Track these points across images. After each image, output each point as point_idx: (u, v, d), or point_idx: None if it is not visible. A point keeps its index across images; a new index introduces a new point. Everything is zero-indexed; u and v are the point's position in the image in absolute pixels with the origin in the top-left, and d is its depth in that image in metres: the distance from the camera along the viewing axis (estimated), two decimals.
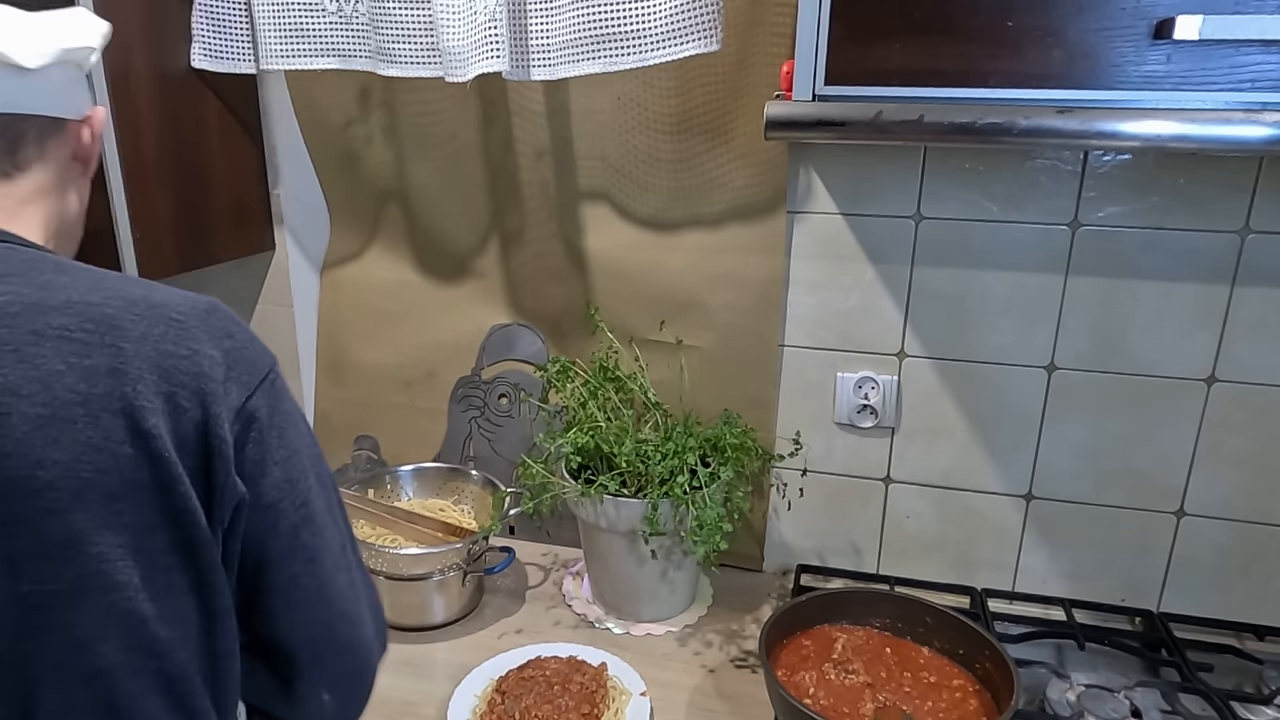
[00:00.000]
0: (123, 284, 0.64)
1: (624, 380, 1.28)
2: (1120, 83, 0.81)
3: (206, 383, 0.61)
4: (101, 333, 0.59)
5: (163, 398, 0.59)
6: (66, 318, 0.59)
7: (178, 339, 0.61)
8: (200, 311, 0.64)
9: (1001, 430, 1.24)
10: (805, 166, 1.21)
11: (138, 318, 0.61)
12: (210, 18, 1.26)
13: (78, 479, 0.57)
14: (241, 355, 0.64)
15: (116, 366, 0.58)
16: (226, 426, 0.61)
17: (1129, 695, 1.03)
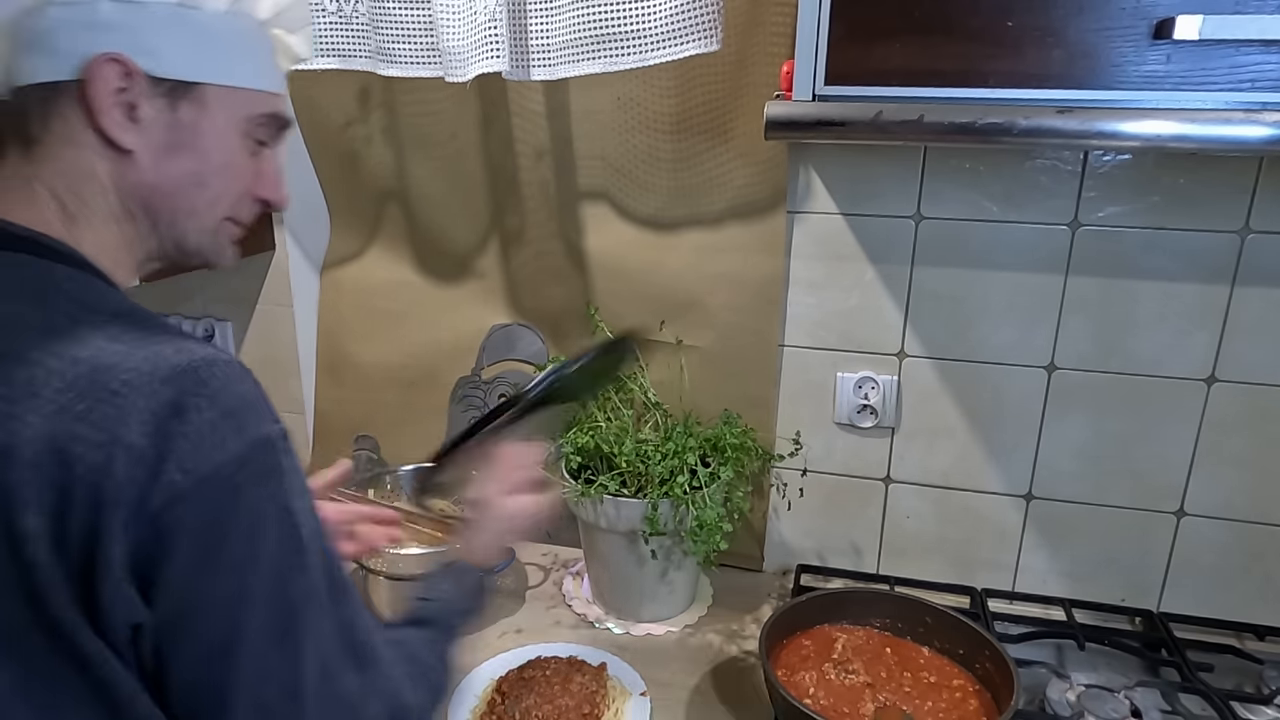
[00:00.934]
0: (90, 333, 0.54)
1: (624, 380, 1.28)
2: (1120, 83, 0.81)
3: (110, 479, 0.49)
4: (13, 400, 0.50)
5: (54, 490, 0.49)
6: None
7: (99, 419, 0.50)
8: (158, 380, 0.51)
9: (1001, 430, 1.24)
10: (805, 166, 1.21)
11: (64, 386, 0.51)
12: None
13: None
14: (189, 443, 0.51)
15: (9, 447, 0.49)
16: (121, 534, 0.50)
17: (1129, 695, 1.03)
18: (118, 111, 0.60)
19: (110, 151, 0.61)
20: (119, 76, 0.59)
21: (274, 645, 0.55)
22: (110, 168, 0.61)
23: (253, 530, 0.54)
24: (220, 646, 0.53)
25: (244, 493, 0.53)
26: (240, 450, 0.53)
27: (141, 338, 0.54)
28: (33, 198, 0.60)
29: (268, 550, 0.54)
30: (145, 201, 0.63)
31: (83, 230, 0.61)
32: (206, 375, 0.53)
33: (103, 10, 0.59)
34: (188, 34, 0.62)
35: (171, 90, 0.62)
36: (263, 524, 0.54)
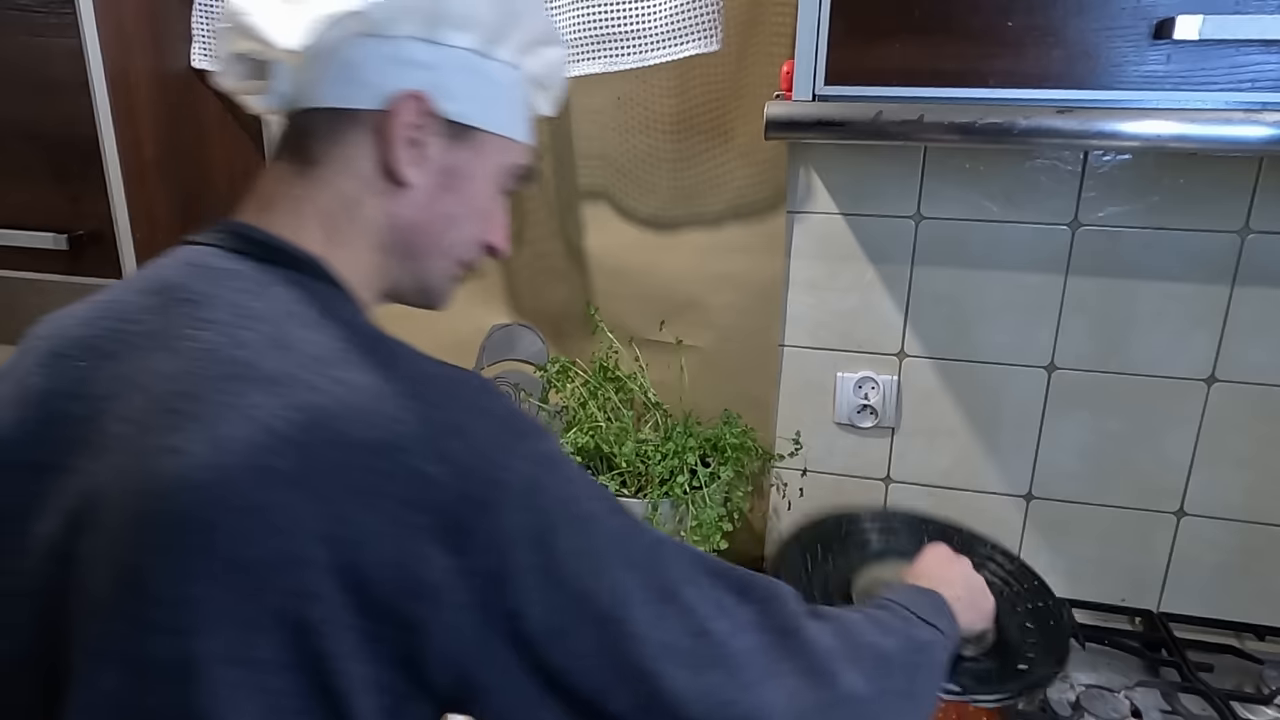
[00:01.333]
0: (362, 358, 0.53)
1: (624, 380, 1.28)
2: (1120, 83, 0.81)
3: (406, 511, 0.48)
4: (305, 428, 0.49)
5: (346, 524, 0.48)
6: (278, 398, 0.49)
7: (390, 452, 0.49)
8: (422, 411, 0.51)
9: (1001, 430, 1.24)
10: (805, 166, 1.21)
11: (352, 415, 0.49)
12: (210, 18, 1.26)
13: (219, 600, 0.47)
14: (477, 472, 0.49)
15: (300, 478, 0.48)
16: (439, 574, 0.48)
17: (1129, 695, 1.03)
18: (408, 147, 0.61)
19: (387, 184, 0.62)
20: (417, 113, 0.61)
21: (659, 602, 0.54)
22: (382, 200, 0.62)
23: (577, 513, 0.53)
24: (614, 632, 0.52)
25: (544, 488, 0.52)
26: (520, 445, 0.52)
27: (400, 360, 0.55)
28: (300, 218, 0.61)
29: (600, 526, 0.53)
30: (406, 236, 0.64)
31: (339, 255, 0.62)
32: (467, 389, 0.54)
33: (411, 48, 0.61)
34: (478, 80, 0.64)
35: (455, 133, 0.64)
36: (578, 502, 0.53)
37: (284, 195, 0.62)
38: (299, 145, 0.62)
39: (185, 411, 0.51)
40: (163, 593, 0.48)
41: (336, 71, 0.60)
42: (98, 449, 0.53)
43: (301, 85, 0.61)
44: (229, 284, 0.57)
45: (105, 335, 0.57)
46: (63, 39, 1.10)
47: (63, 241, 1.17)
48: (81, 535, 0.51)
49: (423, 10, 0.60)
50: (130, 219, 1.18)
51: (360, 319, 0.58)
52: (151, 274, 0.60)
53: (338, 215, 0.62)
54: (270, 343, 0.52)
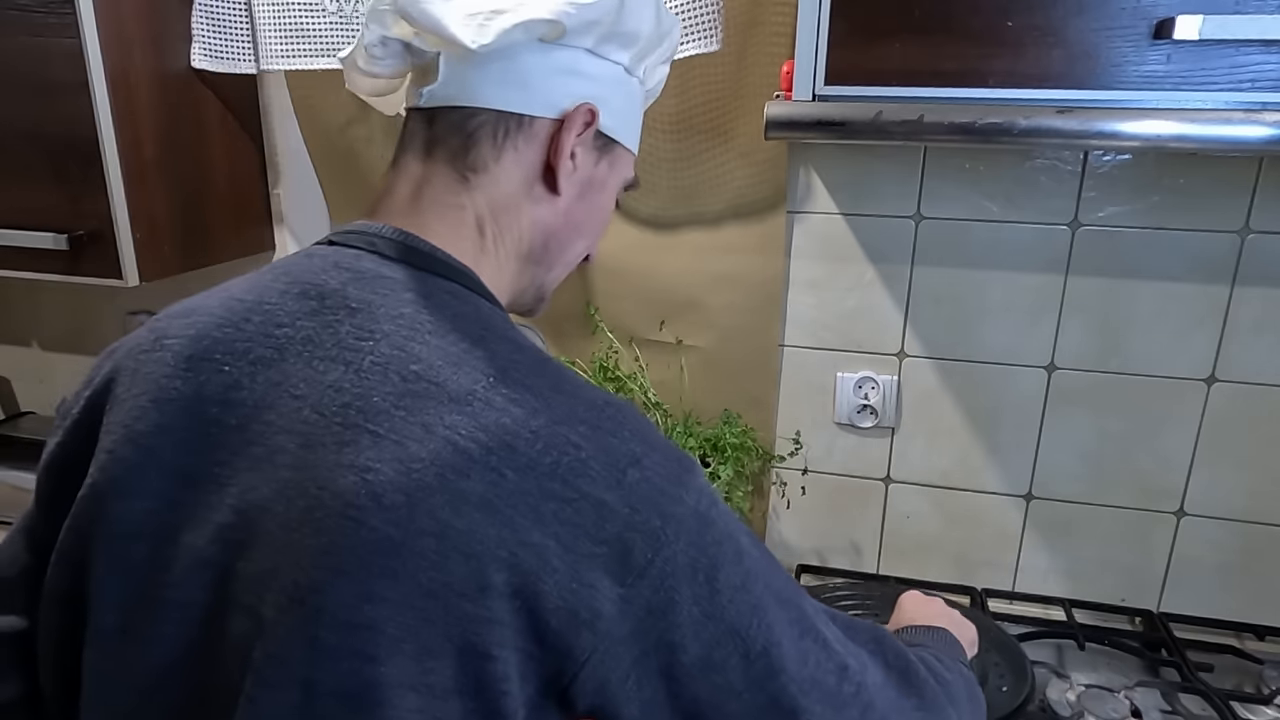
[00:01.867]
0: (532, 380, 0.51)
1: (624, 380, 1.28)
2: (1120, 83, 0.81)
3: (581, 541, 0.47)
4: (490, 449, 0.47)
5: (528, 548, 0.46)
6: (462, 416, 0.48)
7: (570, 477, 0.48)
8: (598, 438, 0.49)
9: (1001, 430, 1.24)
10: (805, 166, 1.21)
11: (532, 438, 0.48)
12: (210, 18, 1.26)
13: (399, 626, 0.45)
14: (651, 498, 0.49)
15: (490, 499, 0.46)
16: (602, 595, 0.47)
17: (1129, 695, 1.03)
18: (570, 158, 0.62)
19: (542, 191, 0.62)
20: (583, 125, 0.61)
21: (802, 638, 0.54)
22: (534, 206, 0.62)
23: (734, 549, 0.52)
24: (764, 668, 0.51)
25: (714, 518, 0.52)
26: (690, 488, 0.51)
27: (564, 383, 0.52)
28: (460, 224, 0.60)
29: (752, 562, 0.53)
30: (544, 243, 0.64)
31: (487, 261, 0.61)
32: (635, 421, 0.52)
33: (582, 59, 0.61)
34: (625, 95, 0.66)
35: (602, 145, 0.65)
36: (736, 535, 0.53)
37: (437, 201, 0.60)
38: (455, 147, 0.60)
39: (364, 428, 0.48)
40: (343, 616, 0.46)
41: (510, 75, 0.59)
42: (255, 461, 0.50)
43: (468, 84, 0.60)
44: (390, 293, 0.54)
45: (255, 340, 0.54)
46: (63, 39, 1.10)
47: (63, 241, 1.17)
48: (241, 553, 0.49)
49: (603, 25, 0.60)
50: (130, 219, 1.18)
51: (520, 336, 0.56)
52: (296, 274, 0.57)
53: (495, 222, 0.61)
54: (446, 359, 0.51)
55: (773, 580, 0.54)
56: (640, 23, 0.62)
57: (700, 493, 0.51)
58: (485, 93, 0.59)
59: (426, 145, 0.62)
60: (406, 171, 0.62)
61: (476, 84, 0.59)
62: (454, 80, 0.60)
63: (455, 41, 0.55)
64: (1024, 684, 0.93)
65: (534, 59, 0.59)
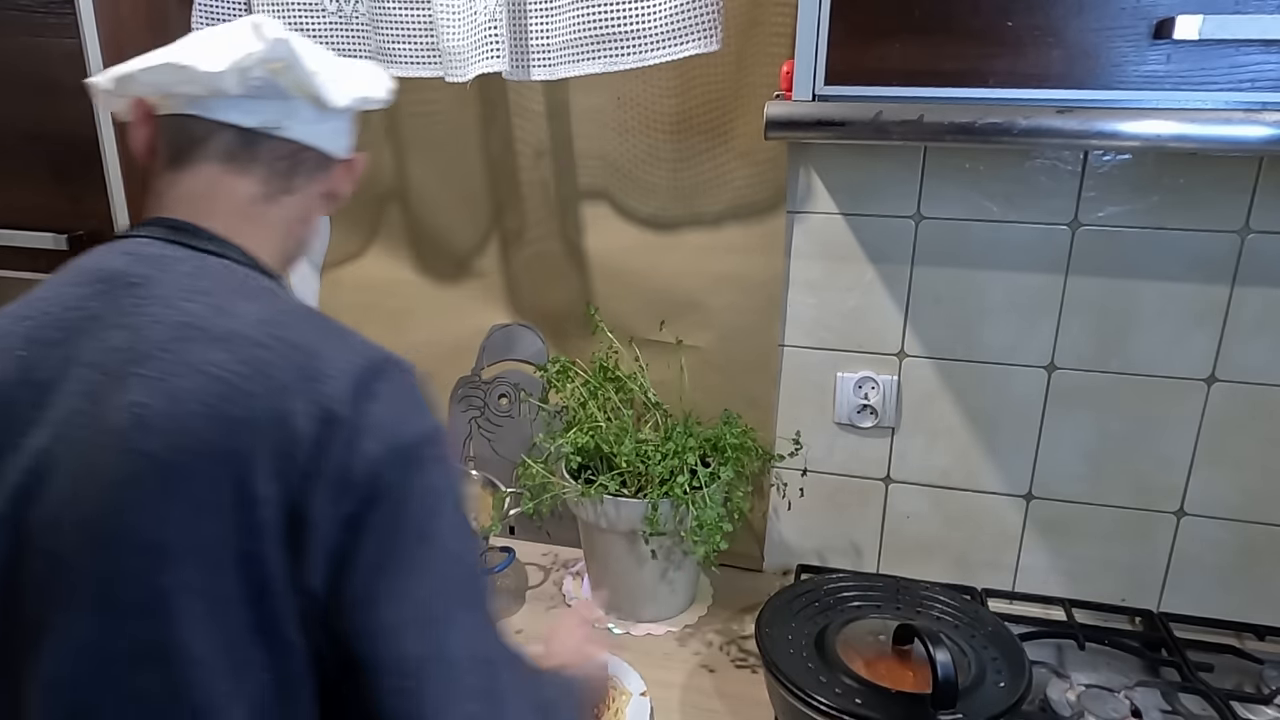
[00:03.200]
0: (300, 324, 0.61)
1: (624, 380, 1.28)
2: (1120, 83, 0.81)
3: (323, 448, 0.55)
4: (249, 374, 0.56)
5: (285, 459, 0.55)
6: (224, 353, 0.57)
7: (317, 397, 0.57)
8: (359, 369, 0.59)
9: (1001, 430, 1.24)
10: (805, 166, 1.21)
11: (285, 364, 0.57)
12: (210, 18, 1.26)
13: (183, 539, 0.54)
14: (383, 421, 0.58)
15: (249, 418, 0.55)
16: (330, 500, 0.55)
17: (1129, 695, 1.03)
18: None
19: (322, 204, 0.77)
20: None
21: (469, 610, 0.61)
22: (314, 214, 0.77)
23: (438, 502, 0.60)
24: (427, 606, 0.58)
25: (429, 467, 0.60)
26: (422, 431, 0.60)
27: (335, 333, 0.62)
28: (269, 230, 0.72)
29: (450, 521, 0.61)
30: (306, 236, 0.78)
31: (276, 251, 0.73)
32: (394, 368, 0.61)
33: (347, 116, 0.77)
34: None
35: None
36: (443, 499, 0.60)
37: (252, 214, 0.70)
38: (278, 176, 0.71)
39: (136, 374, 0.57)
40: (132, 538, 0.54)
41: (342, 128, 0.76)
42: (50, 425, 0.58)
43: (313, 130, 0.72)
44: (168, 267, 0.63)
45: (46, 324, 0.62)
46: (63, 39, 1.10)
47: (63, 241, 1.17)
48: (31, 505, 0.57)
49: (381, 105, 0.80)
50: (130, 219, 1.18)
51: (286, 294, 0.67)
52: (86, 265, 0.66)
53: (294, 227, 0.74)
54: (212, 310, 0.60)
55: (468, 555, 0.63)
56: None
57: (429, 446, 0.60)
58: (320, 138, 0.73)
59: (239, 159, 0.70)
60: (202, 175, 0.70)
61: (321, 131, 0.73)
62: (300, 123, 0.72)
63: (323, 99, 0.70)
64: (1021, 680, 0.93)
65: (347, 118, 0.77)
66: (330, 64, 0.73)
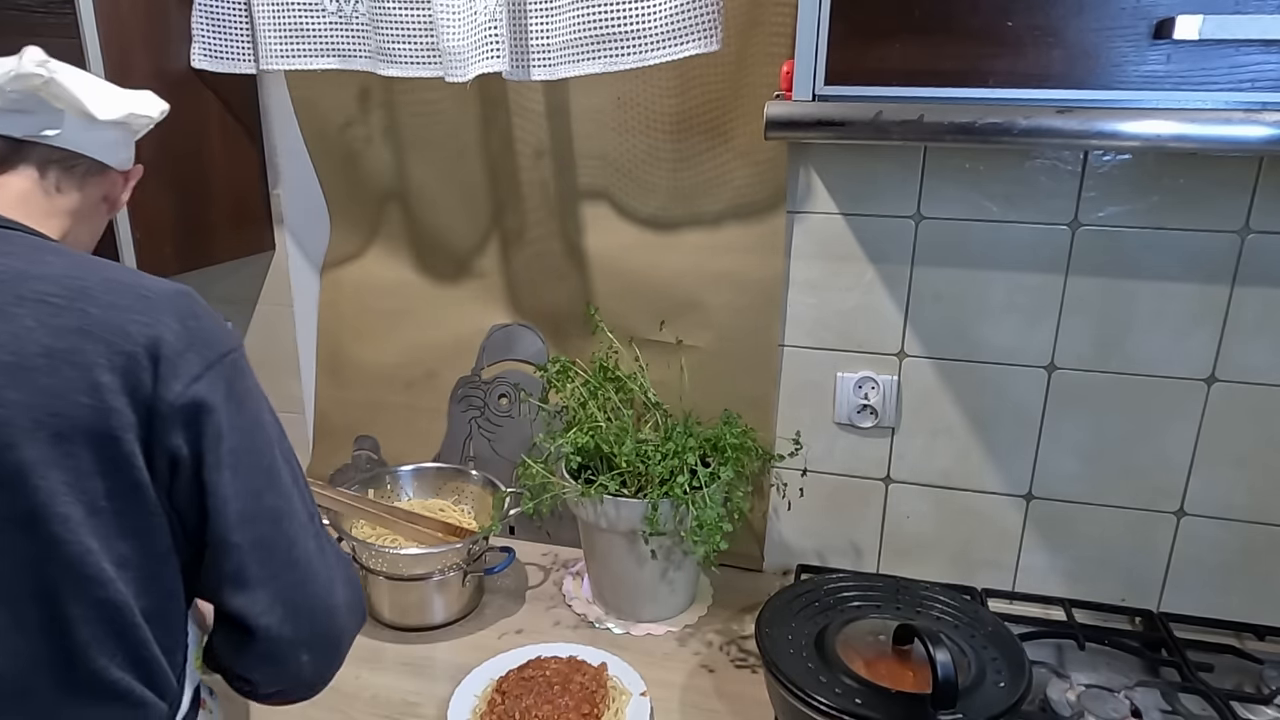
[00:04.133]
0: (105, 267, 0.71)
1: (624, 380, 1.28)
2: (1120, 83, 0.81)
3: (163, 348, 0.66)
4: (73, 298, 0.66)
5: (123, 356, 0.65)
6: (46, 285, 0.67)
7: (143, 310, 0.68)
8: (169, 293, 0.71)
9: (1001, 430, 1.24)
10: (805, 166, 1.21)
11: (108, 290, 0.68)
12: (210, 18, 1.26)
13: (30, 419, 0.63)
14: (203, 333, 0.70)
15: (82, 327, 0.65)
16: (178, 389, 0.67)
17: (1129, 695, 1.03)
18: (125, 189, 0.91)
19: (104, 207, 0.89)
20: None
21: (296, 485, 0.75)
22: (96, 215, 0.88)
23: (257, 399, 0.73)
24: (266, 477, 0.72)
25: (242, 373, 0.72)
26: (233, 344, 0.72)
27: (129, 270, 0.73)
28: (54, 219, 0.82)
29: (268, 417, 0.74)
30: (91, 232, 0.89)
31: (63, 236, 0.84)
32: (197, 297, 0.73)
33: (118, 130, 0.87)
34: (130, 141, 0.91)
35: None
36: (257, 397, 0.73)
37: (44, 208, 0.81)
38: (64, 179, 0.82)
39: None
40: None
41: (114, 140, 0.86)
42: None
43: (84, 138, 0.82)
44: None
45: None
46: (63, 39, 1.10)
47: None
48: None
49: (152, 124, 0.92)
50: (130, 219, 1.18)
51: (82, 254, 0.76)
52: None
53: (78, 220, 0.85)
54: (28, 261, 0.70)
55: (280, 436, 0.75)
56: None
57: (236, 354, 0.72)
58: (95, 148, 0.84)
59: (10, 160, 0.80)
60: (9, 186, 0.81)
61: (93, 141, 0.84)
62: (71, 133, 0.81)
63: (88, 113, 0.80)
64: (1021, 680, 0.93)
65: (125, 132, 0.88)
66: (98, 86, 0.83)
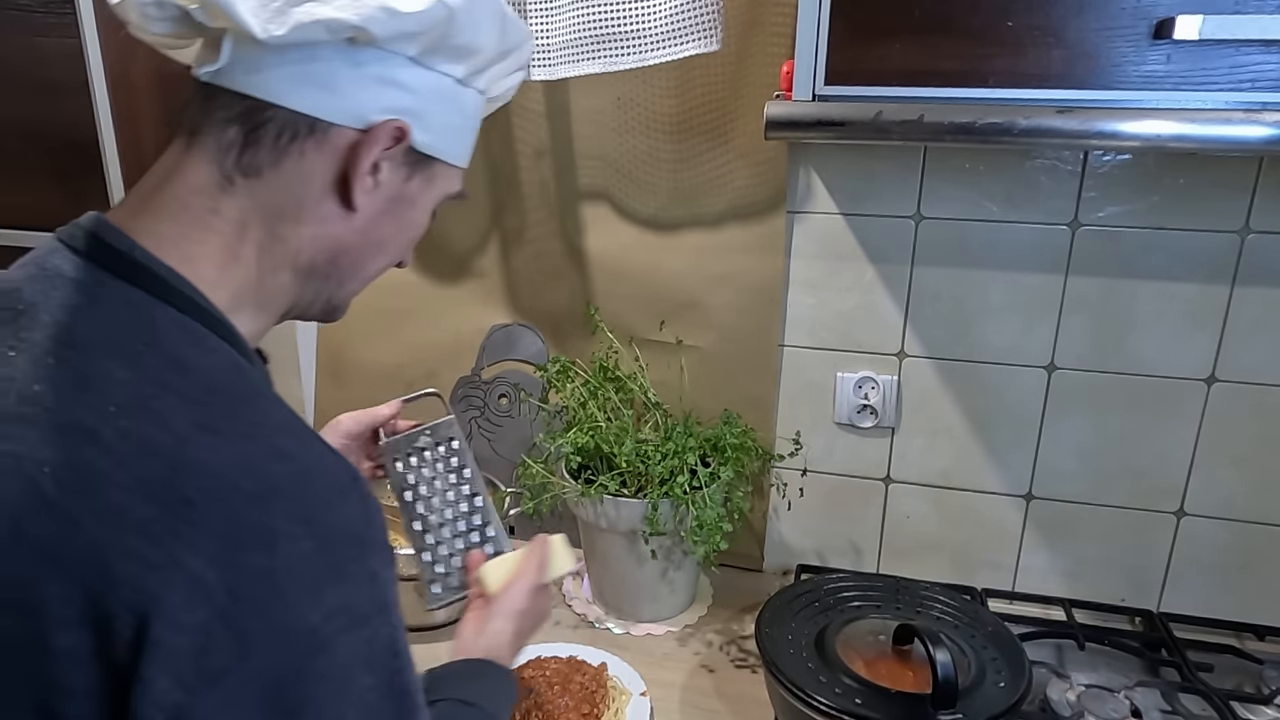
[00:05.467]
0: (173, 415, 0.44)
1: (624, 380, 1.28)
2: (1120, 83, 0.81)
3: (155, 619, 0.40)
4: (68, 490, 0.42)
5: (97, 618, 0.40)
6: (51, 450, 0.42)
7: (160, 534, 0.41)
8: (244, 493, 0.42)
9: (1001, 430, 1.24)
10: (805, 166, 1.21)
11: (132, 483, 0.41)
12: None
13: None
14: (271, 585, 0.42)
15: (57, 552, 0.41)
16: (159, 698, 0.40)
17: (1129, 695, 1.03)
18: (371, 173, 0.55)
19: (332, 206, 0.56)
20: (390, 139, 0.55)
21: None
22: (320, 219, 0.55)
23: (344, 686, 0.44)
24: None
25: (336, 645, 0.44)
26: (338, 596, 0.44)
27: (238, 426, 0.45)
28: (205, 230, 0.53)
29: (365, 703, 0.45)
30: (333, 258, 0.58)
31: (240, 271, 0.54)
32: (308, 494, 0.44)
33: (399, 69, 0.54)
34: (451, 110, 0.59)
35: (415, 161, 0.59)
36: (357, 676, 0.45)
37: (181, 200, 0.53)
38: (230, 141, 0.53)
39: None
40: None
41: (311, 74, 0.52)
42: None
43: (258, 74, 0.52)
44: (57, 294, 0.48)
45: None
46: (63, 39, 1.10)
47: None
48: None
49: (428, 36, 0.53)
50: None
51: (198, 357, 0.48)
52: (12, 269, 0.53)
53: (259, 231, 0.54)
54: (73, 381, 0.45)
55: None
56: (478, 36, 0.57)
57: (345, 614, 0.44)
58: (278, 88, 0.52)
59: (193, 129, 0.54)
60: (170, 153, 0.55)
61: (269, 76, 0.52)
62: (242, 66, 0.52)
63: (243, 26, 0.48)
64: (1021, 680, 0.93)
65: (341, 62, 0.52)
66: None
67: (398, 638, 0.48)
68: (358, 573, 0.46)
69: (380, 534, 0.49)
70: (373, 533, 0.48)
